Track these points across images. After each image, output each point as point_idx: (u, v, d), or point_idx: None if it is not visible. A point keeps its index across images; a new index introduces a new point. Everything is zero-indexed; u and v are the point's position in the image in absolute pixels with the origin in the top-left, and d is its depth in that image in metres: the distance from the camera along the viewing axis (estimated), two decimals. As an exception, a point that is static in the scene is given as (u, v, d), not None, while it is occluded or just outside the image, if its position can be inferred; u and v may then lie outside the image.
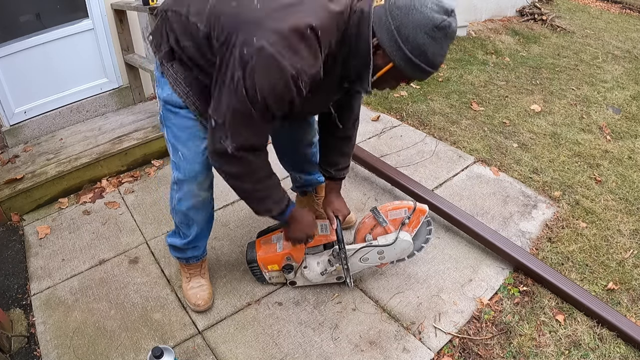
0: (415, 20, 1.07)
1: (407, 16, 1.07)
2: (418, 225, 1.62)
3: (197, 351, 1.59)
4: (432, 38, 1.08)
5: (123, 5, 2.70)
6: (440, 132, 2.86)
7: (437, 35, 1.08)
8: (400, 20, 1.08)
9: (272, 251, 1.66)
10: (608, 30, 5.64)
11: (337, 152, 1.63)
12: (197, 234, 1.60)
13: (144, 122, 2.78)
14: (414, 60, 1.11)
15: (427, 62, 1.12)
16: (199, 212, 1.53)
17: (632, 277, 1.84)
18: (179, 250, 1.67)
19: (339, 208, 1.68)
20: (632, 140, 2.91)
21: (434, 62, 1.13)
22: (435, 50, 1.10)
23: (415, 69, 1.13)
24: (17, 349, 1.62)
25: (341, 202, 1.71)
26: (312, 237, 1.58)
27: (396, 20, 1.08)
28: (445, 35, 1.09)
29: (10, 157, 2.56)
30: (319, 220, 1.67)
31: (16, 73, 2.60)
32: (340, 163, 1.64)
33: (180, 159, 1.40)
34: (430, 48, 1.09)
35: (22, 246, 2.11)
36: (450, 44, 1.14)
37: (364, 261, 1.63)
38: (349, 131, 1.58)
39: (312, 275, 1.65)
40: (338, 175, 1.66)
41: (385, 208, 1.62)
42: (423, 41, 1.08)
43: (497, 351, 1.57)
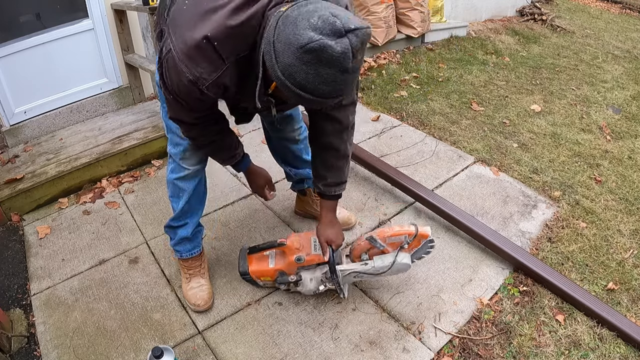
0: (287, 35, 0.93)
1: (284, 29, 0.94)
2: (419, 246, 1.56)
3: (197, 351, 1.59)
4: (300, 60, 0.92)
5: (123, 5, 2.70)
6: (440, 132, 2.86)
7: (305, 59, 0.92)
8: (278, 32, 0.95)
9: (264, 266, 1.65)
10: (608, 30, 5.64)
11: (321, 163, 1.51)
12: (185, 207, 1.63)
13: (144, 122, 2.78)
14: (286, 82, 0.97)
15: (299, 87, 0.97)
16: (187, 182, 1.60)
17: (632, 277, 1.84)
18: (171, 229, 1.71)
19: (332, 238, 1.52)
20: (632, 140, 2.91)
21: (311, 90, 0.97)
22: (307, 77, 0.94)
23: (290, 93, 0.99)
24: (17, 349, 1.62)
25: (335, 230, 1.54)
26: (269, 182, 1.67)
27: (277, 32, 0.96)
28: (317, 59, 0.91)
29: (10, 157, 2.56)
30: (313, 236, 1.60)
31: (16, 73, 2.60)
32: (328, 177, 1.49)
33: (171, 135, 1.52)
34: (299, 72, 0.94)
35: (22, 246, 2.11)
36: (341, 71, 0.94)
37: (358, 277, 1.60)
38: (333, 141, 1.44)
39: (305, 290, 1.64)
40: (327, 191, 1.51)
41: (384, 233, 1.50)
42: (290, 62, 0.94)
43: (497, 351, 1.57)
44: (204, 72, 1.07)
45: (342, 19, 0.92)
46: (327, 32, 0.90)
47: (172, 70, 1.11)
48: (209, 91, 1.11)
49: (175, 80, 1.12)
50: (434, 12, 4.55)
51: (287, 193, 2.23)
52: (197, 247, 1.77)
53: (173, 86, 1.15)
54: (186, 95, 1.15)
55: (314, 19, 0.91)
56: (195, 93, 1.13)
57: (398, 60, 3.97)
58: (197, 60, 1.06)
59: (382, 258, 1.54)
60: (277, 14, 0.99)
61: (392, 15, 3.97)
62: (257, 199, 2.30)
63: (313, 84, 0.96)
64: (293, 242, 1.59)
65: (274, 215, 2.19)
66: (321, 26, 0.90)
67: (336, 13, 0.93)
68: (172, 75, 1.12)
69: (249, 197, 2.32)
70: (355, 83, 1.06)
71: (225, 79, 1.11)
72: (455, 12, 4.97)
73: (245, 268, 1.68)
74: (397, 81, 3.59)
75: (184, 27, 1.08)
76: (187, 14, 1.09)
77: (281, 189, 2.33)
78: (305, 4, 0.97)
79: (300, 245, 1.58)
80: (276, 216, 2.18)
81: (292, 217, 2.17)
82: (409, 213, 2.19)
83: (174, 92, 1.17)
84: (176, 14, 1.13)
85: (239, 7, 1.04)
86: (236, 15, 1.03)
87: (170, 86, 1.16)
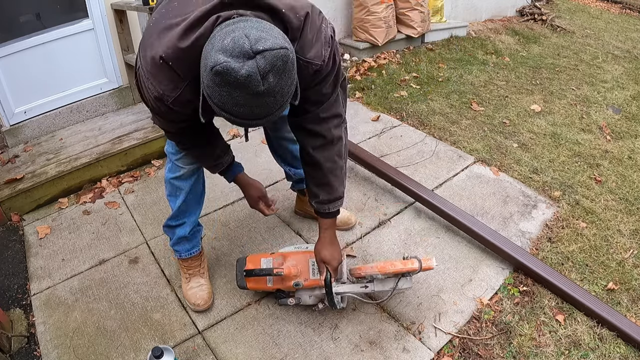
0: (205, 56, 0.93)
1: (206, 49, 0.94)
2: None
3: (197, 351, 1.59)
4: (213, 82, 0.91)
5: (123, 5, 2.70)
6: (440, 132, 2.86)
7: (216, 81, 0.91)
8: (204, 51, 0.95)
9: (262, 285, 1.63)
10: (608, 30, 5.64)
11: (311, 180, 1.46)
12: (182, 206, 1.64)
13: (144, 122, 2.78)
14: (208, 101, 0.98)
15: (220, 107, 0.97)
16: (184, 181, 1.61)
17: (632, 277, 1.84)
18: (170, 229, 1.71)
19: (329, 260, 1.47)
20: (632, 140, 2.91)
21: (229, 110, 0.96)
22: (222, 99, 0.93)
23: (217, 112, 1.00)
24: (17, 349, 1.62)
25: (333, 250, 1.49)
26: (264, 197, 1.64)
27: (204, 50, 0.95)
28: (226, 82, 0.90)
29: (10, 157, 2.56)
30: (310, 258, 1.58)
31: (16, 73, 2.60)
32: (320, 195, 1.44)
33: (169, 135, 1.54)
34: (215, 93, 0.93)
35: (22, 246, 2.11)
36: (253, 95, 0.91)
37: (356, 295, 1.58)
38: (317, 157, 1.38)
39: (304, 303, 1.64)
40: (321, 209, 1.46)
41: (385, 270, 1.45)
42: (207, 82, 0.93)
43: (497, 351, 1.57)
44: (166, 89, 1.08)
45: (252, 39, 0.88)
46: (235, 54, 0.88)
47: (142, 85, 1.15)
48: (174, 107, 1.11)
49: (146, 94, 1.16)
50: (434, 12, 4.55)
51: (287, 193, 2.23)
52: (196, 247, 1.77)
53: (145, 100, 1.20)
54: (158, 109, 1.16)
55: (227, 39, 0.89)
56: (162, 109, 1.14)
57: (398, 60, 3.97)
58: (159, 78, 1.07)
59: (382, 282, 1.51)
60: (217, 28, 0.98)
61: (392, 15, 3.97)
62: (257, 199, 2.30)
63: (229, 106, 0.95)
64: (290, 269, 1.55)
65: (274, 215, 2.19)
66: (230, 48, 0.88)
67: (250, 33, 0.90)
68: (143, 90, 1.16)
69: (249, 197, 2.32)
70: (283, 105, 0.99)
71: (187, 95, 1.09)
72: (455, 12, 4.97)
73: (243, 284, 1.65)
74: (397, 81, 3.59)
75: (147, 45, 1.09)
76: (149, 32, 1.10)
77: (281, 189, 2.33)
78: (232, 22, 0.95)
79: (297, 272, 1.56)
80: (276, 216, 2.18)
81: (292, 217, 2.17)
82: (409, 213, 2.19)
83: (149, 105, 1.20)
84: (144, 32, 1.15)
85: (189, 28, 1.02)
86: (186, 36, 1.02)
87: (145, 99, 1.20)
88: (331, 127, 1.35)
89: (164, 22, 1.08)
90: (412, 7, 4.03)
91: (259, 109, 0.96)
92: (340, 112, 1.37)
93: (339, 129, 1.38)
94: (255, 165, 2.55)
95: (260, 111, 0.96)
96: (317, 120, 1.32)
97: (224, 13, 1.02)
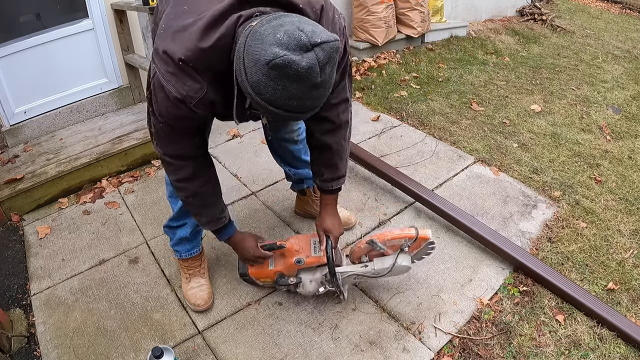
0: (254, 52, 0.92)
1: (252, 45, 0.93)
2: (419, 248, 1.56)
3: (197, 351, 1.59)
4: (267, 77, 0.92)
5: (123, 5, 2.70)
6: (440, 132, 2.86)
7: (271, 75, 0.91)
8: (247, 48, 0.94)
9: (264, 267, 1.64)
10: (608, 30, 5.64)
11: (317, 161, 1.53)
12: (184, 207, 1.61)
13: (144, 122, 2.77)
14: (256, 99, 0.97)
15: (269, 102, 0.96)
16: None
17: (632, 277, 1.84)
18: (170, 230, 1.71)
19: (330, 228, 1.54)
20: (632, 140, 2.91)
21: (281, 105, 0.96)
22: (275, 93, 0.93)
23: (262, 108, 0.99)
24: (17, 349, 1.62)
25: (334, 221, 1.56)
26: (259, 260, 1.59)
27: (246, 47, 0.95)
28: (284, 75, 0.90)
29: (10, 157, 2.56)
30: (312, 238, 1.62)
31: (16, 73, 2.60)
32: (325, 174, 1.51)
33: None
34: (267, 88, 0.93)
35: (22, 246, 2.11)
36: (309, 87, 0.93)
37: (358, 279, 1.60)
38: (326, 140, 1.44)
39: (305, 292, 1.63)
40: (325, 186, 1.54)
41: (384, 237, 1.49)
42: (258, 78, 0.93)
43: (497, 351, 1.57)
44: (190, 90, 1.08)
45: (307, 32, 0.90)
46: (293, 47, 0.89)
47: (159, 92, 1.12)
48: (197, 108, 1.12)
49: (163, 101, 1.13)
50: (434, 12, 4.55)
51: (287, 193, 2.24)
52: (196, 247, 1.77)
53: (161, 108, 1.15)
54: (174, 116, 1.15)
55: (280, 34, 0.90)
56: (183, 111, 1.12)
57: (398, 60, 3.97)
58: (182, 79, 1.07)
59: (382, 260, 1.53)
60: (247, 30, 0.98)
61: (392, 15, 3.97)
62: (257, 199, 2.30)
63: (282, 100, 0.95)
64: (293, 244, 1.58)
65: (274, 215, 2.19)
66: (286, 41, 0.89)
67: (302, 27, 0.91)
68: (160, 97, 1.13)
69: (249, 197, 2.32)
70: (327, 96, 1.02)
71: (211, 95, 1.11)
72: (455, 12, 4.97)
73: (244, 270, 1.67)
74: (397, 81, 3.59)
75: (161, 48, 1.08)
76: (162, 37, 1.10)
77: (281, 189, 2.33)
78: (273, 18, 0.95)
79: (299, 248, 1.58)
80: (276, 216, 2.18)
81: (292, 217, 2.17)
82: (409, 213, 2.19)
83: (162, 115, 1.16)
84: (156, 40, 1.14)
85: (209, 27, 1.02)
86: (206, 36, 1.02)
87: (158, 109, 1.16)
88: (340, 112, 1.40)
89: (176, 24, 1.08)
90: (412, 7, 4.03)
91: (311, 101, 0.98)
92: (348, 96, 1.40)
93: (346, 112, 1.43)
94: (255, 165, 2.55)
95: (311, 103, 0.99)
96: (327, 106, 1.34)
97: (245, 12, 1.03)
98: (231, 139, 2.83)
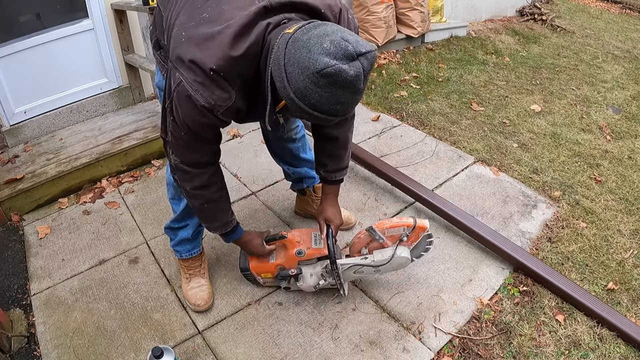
0: (300, 60, 0.96)
1: (295, 53, 0.97)
2: (417, 240, 1.58)
3: (197, 351, 1.59)
4: (315, 84, 0.96)
5: (123, 5, 2.70)
6: (440, 132, 2.86)
7: (320, 82, 0.95)
8: (289, 56, 0.98)
9: (265, 261, 1.65)
10: (608, 30, 5.64)
11: (322, 152, 1.56)
12: (187, 209, 1.62)
13: (144, 122, 2.78)
14: (298, 103, 1.00)
15: (313, 107, 1.00)
16: None
17: (632, 277, 1.84)
18: (172, 231, 1.71)
19: (331, 217, 1.58)
20: (632, 140, 2.91)
21: (325, 110, 1.01)
22: (322, 99, 0.98)
23: (303, 113, 1.03)
24: (17, 349, 1.62)
25: (335, 210, 1.60)
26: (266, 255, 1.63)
27: (287, 55, 0.98)
28: (333, 83, 0.95)
29: (10, 157, 2.56)
30: (313, 231, 1.64)
31: (16, 73, 2.60)
32: (329, 164, 1.56)
33: None
34: (314, 94, 0.97)
35: (22, 246, 2.11)
36: (353, 93, 0.98)
37: (358, 273, 1.61)
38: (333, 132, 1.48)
39: (305, 286, 1.64)
40: (328, 177, 1.58)
41: (383, 225, 1.53)
42: (304, 85, 0.97)
43: (497, 351, 1.57)
44: (219, 99, 1.09)
45: (352, 43, 0.95)
46: (340, 56, 0.93)
47: (184, 101, 1.10)
48: (224, 116, 1.13)
49: (189, 110, 1.11)
50: (434, 12, 4.55)
51: (287, 193, 2.24)
52: (197, 247, 1.77)
53: (185, 117, 1.14)
54: (199, 125, 1.15)
55: (326, 43, 0.94)
56: (209, 119, 1.12)
57: (398, 60, 3.97)
58: (210, 88, 1.07)
59: (381, 252, 1.56)
60: (284, 37, 1.01)
61: (392, 15, 3.97)
62: (257, 199, 2.30)
63: (327, 105, 1.00)
64: (294, 235, 1.61)
65: (274, 215, 2.19)
66: (334, 51, 0.93)
67: (346, 37, 0.96)
68: (185, 106, 1.11)
69: (248, 197, 2.32)
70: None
71: (238, 104, 1.13)
72: (455, 12, 4.97)
73: (245, 264, 1.68)
74: (397, 81, 3.59)
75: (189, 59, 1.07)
76: (186, 46, 1.09)
77: (281, 189, 2.33)
78: (313, 27, 0.99)
79: (300, 239, 1.60)
80: (276, 216, 2.18)
81: (292, 217, 2.17)
82: (409, 213, 2.19)
83: (187, 123, 1.15)
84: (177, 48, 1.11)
85: (239, 34, 1.05)
86: (237, 44, 1.04)
87: (182, 118, 1.14)
88: None
89: (199, 31, 1.08)
90: (412, 7, 4.03)
91: (351, 106, 1.03)
92: None
93: None
94: (255, 165, 2.55)
95: (350, 107, 1.04)
96: None
97: (273, 19, 1.07)
98: (231, 139, 2.83)
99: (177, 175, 1.32)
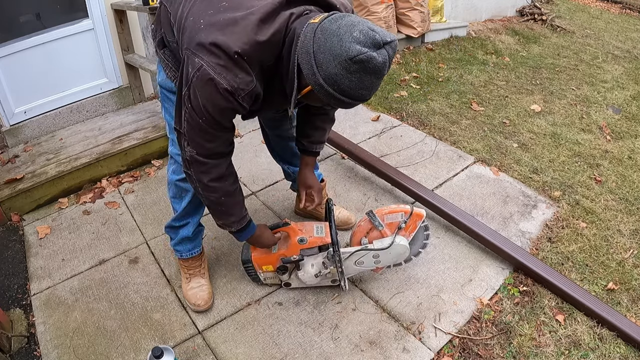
0: (332, 47, 1.02)
1: (326, 41, 1.03)
2: (415, 230, 1.62)
3: (197, 351, 1.59)
4: (347, 70, 1.02)
5: (123, 5, 2.70)
6: (440, 132, 2.86)
7: (352, 69, 1.02)
8: (319, 44, 1.04)
9: (266, 252, 1.66)
10: (608, 30, 5.64)
11: (310, 125, 1.62)
12: (187, 208, 1.62)
13: (144, 122, 2.78)
14: (327, 89, 1.06)
15: (342, 92, 1.07)
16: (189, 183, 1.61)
17: (632, 277, 1.84)
18: (173, 230, 1.71)
19: (312, 184, 1.70)
20: (632, 140, 2.91)
21: (352, 95, 1.08)
22: (351, 84, 1.05)
23: (330, 98, 1.08)
24: (17, 349, 1.62)
25: (313, 177, 1.71)
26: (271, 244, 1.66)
27: (317, 43, 1.04)
28: (363, 69, 1.02)
29: (10, 157, 2.56)
30: (314, 222, 1.67)
31: (16, 73, 2.60)
32: (313, 136, 1.62)
33: (173, 136, 1.50)
34: (344, 80, 1.04)
35: (22, 246, 2.11)
36: (378, 78, 1.07)
37: (359, 264, 1.63)
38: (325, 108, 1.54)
39: (306, 277, 1.65)
40: (310, 148, 1.64)
41: (382, 211, 1.60)
42: (336, 71, 1.03)
43: (497, 351, 1.57)
44: (241, 82, 1.10)
45: (379, 32, 1.02)
46: (369, 44, 1.00)
47: (205, 85, 1.10)
48: (244, 101, 1.14)
49: (210, 94, 1.11)
50: (434, 12, 4.55)
51: (287, 193, 2.24)
52: (197, 247, 1.77)
53: (205, 102, 1.13)
54: (219, 109, 1.14)
55: (356, 32, 1.01)
56: (230, 103, 1.12)
57: (398, 60, 3.97)
58: (234, 71, 1.09)
59: (381, 241, 1.60)
60: (310, 26, 1.07)
61: (392, 15, 3.97)
62: (257, 199, 2.30)
63: (355, 90, 1.06)
64: (297, 224, 1.65)
65: (274, 215, 2.19)
66: (364, 40, 1.00)
67: (372, 27, 1.03)
68: (206, 90, 1.11)
69: (249, 197, 2.32)
70: None
71: (258, 89, 1.16)
72: (455, 12, 4.97)
73: (248, 256, 1.68)
74: (397, 81, 3.59)
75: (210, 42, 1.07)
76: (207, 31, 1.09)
77: (281, 189, 2.33)
78: (340, 17, 1.05)
79: (303, 228, 1.64)
80: (276, 216, 2.18)
81: (292, 217, 2.17)
82: (409, 213, 2.19)
83: (207, 108, 1.14)
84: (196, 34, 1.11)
85: (264, 20, 1.09)
86: (263, 29, 1.08)
87: (202, 103, 1.13)
88: None
89: (220, 17, 1.10)
90: (412, 7, 4.03)
91: (374, 91, 1.10)
92: None
93: None
94: (255, 165, 2.55)
95: (373, 92, 1.11)
96: None
97: (296, 9, 1.14)
98: (231, 139, 2.83)
99: (193, 168, 1.29)
